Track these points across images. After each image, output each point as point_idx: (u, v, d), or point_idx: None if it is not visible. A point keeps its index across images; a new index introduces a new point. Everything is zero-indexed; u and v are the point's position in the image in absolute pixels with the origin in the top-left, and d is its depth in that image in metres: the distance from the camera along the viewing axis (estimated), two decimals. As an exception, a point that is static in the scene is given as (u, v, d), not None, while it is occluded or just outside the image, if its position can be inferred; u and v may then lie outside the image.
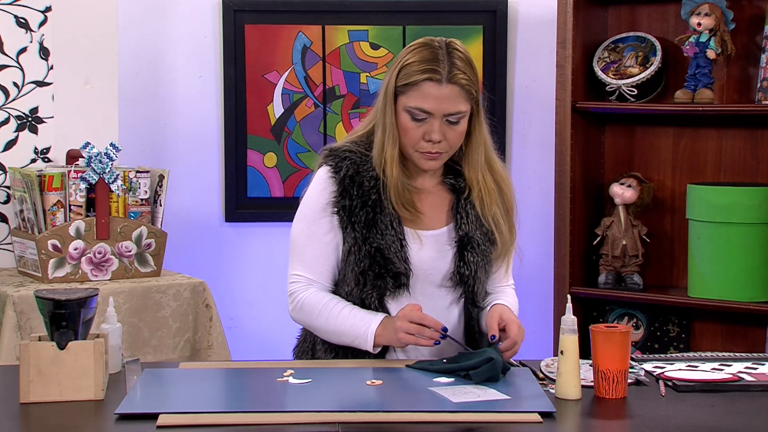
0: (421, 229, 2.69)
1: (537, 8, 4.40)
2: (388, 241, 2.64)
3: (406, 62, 2.64)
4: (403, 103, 2.64)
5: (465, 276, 2.69)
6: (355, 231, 2.65)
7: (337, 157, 2.69)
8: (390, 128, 2.65)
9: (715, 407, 2.30)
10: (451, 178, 2.74)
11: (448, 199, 2.74)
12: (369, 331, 2.63)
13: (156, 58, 4.39)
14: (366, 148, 2.70)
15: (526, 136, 4.47)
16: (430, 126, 2.62)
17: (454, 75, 2.61)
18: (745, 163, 4.04)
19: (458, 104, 2.62)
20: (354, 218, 2.65)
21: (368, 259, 2.64)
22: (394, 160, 2.65)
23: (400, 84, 2.64)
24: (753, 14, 3.99)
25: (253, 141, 4.42)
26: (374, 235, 2.64)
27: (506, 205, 2.76)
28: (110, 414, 2.22)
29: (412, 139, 2.64)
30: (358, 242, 2.65)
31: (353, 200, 2.66)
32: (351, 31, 4.42)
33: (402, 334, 2.57)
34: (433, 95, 2.61)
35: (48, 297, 2.32)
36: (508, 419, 2.19)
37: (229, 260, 4.45)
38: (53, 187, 3.61)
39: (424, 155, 2.65)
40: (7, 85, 3.86)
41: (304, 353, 2.82)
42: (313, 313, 2.69)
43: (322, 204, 2.68)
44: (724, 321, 4.07)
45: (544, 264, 4.24)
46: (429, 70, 2.61)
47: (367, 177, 2.67)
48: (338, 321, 2.66)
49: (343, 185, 2.66)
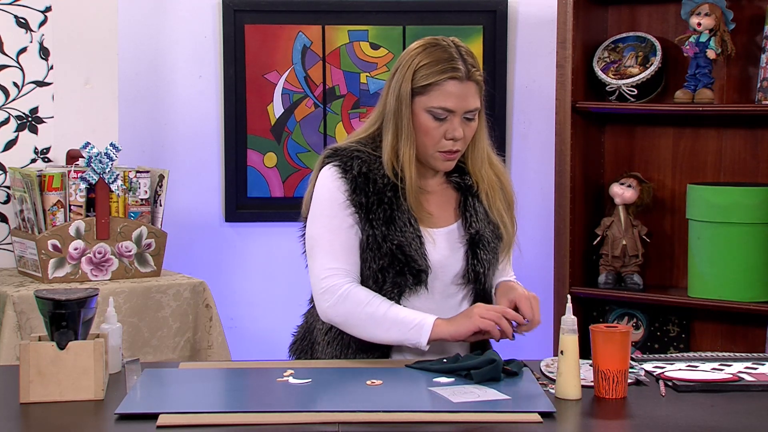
0: (432, 227, 2.69)
1: (537, 8, 4.40)
2: (408, 239, 2.64)
3: (420, 64, 2.65)
4: (423, 104, 2.64)
5: (479, 274, 2.70)
6: (374, 228, 2.64)
7: (344, 156, 2.68)
8: (406, 130, 2.65)
9: (715, 407, 2.30)
10: (456, 176, 2.75)
11: (454, 197, 2.76)
12: (426, 322, 2.58)
13: (156, 58, 4.39)
14: (373, 149, 2.70)
15: (526, 136, 4.47)
16: (451, 124, 2.64)
17: (472, 72, 2.65)
18: (745, 163, 4.04)
19: (476, 101, 2.66)
20: (372, 215, 2.64)
21: (389, 257, 2.63)
22: (411, 161, 2.66)
23: (418, 85, 2.64)
24: (753, 14, 3.99)
25: (253, 141, 4.42)
26: (394, 232, 2.64)
27: (507, 198, 2.79)
28: (110, 414, 2.22)
29: (433, 138, 2.65)
30: (377, 240, 2.64)
31: (369, 197, 2.65)
32: (351, 31, 4.42)
33: (478, 318, 2.55)
34: (455, 93, 2.63)
35: (48, 297, 2.32)
36: (508, 419, 2.19)
37: (229, 260, 4.45)
38: (53, 187, 3.61)
39: (443, 155, 2.67)
40: (7, 85, 3.87)
41: (303, 352, 2.81)
42: (361, 303, 2.61)
43: (339, 200, 2.66)
44: (724, 321, 4.07)
45: (544, 264, 4.24)
46: (450, 68, 2.63)
47: (380, 175, 2.67)
48: (390, 313, 2.60)
49: (356, 183, 2.65)
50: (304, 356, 2.80)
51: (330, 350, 2.72)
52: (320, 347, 2.75)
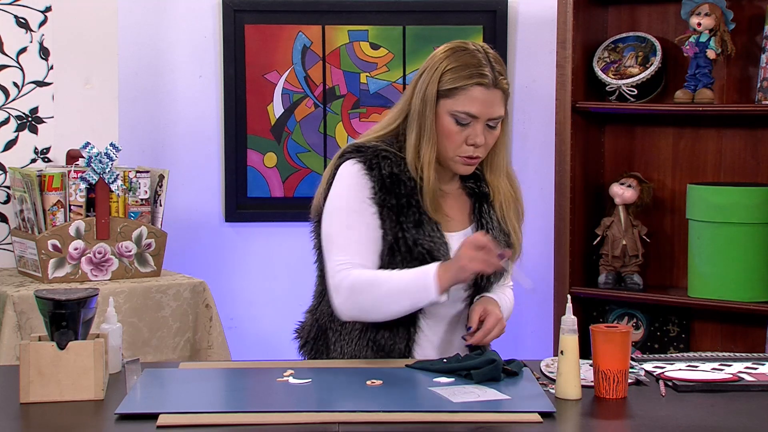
0: (448, 231, 2.70)
1: (537, 8, 4.40)
2: (437, 244, 2.64)
3: (447, 67, 2.64)
4: (447, 107, 2.64)
5: (490, 282, 2.71)
6: (405, 231, 2.63)
7: (368, 153, 2.66)
8: (429, 132, 2.64)
9: (715, 407, 2.30)
10: (471, 182, 2.75)
11: (468, 202, 2.76)
12: (429, 276, 2.56)
13: (156, 58, 4.39)
14: (398, 149, 2.69)
15: (526, 136, 4.47)
16: (473, 130, 2.63)
17: (499, 80, 2.64)
18: (745, 163, 4.04)
19: (500, 108, 2.65)
20: (403, 218, 2.63)
21: (418, 261, 2.62)
22: (431, 163, 2.65)
23: (444, 88, 2.63)
24: (753, 14, 3.99)
25: (253, 141, 4.42)
26: (423, 236, 2.63)
27: (519, 212, 2.79)
28: (110, 414, 2.22)
29: (454, 143, 2.64)
30: (407, 243, 2.62)
31: (400, 198, 2.64)
32: (351, 31, 4.42)
33: (468, 260, 2.53)
34: (480, 99, 2.62)
35: (48, 297, 2.32)
36: (508, 419, 2.19)
37: (229, 260, 4.45)
38: (53, 187, 3.61)
39: (463, 159, 2.66)
40: (7, 85, 3.86)
41: (318, 352, 2.77)
42: (365, 287, 2.59)
43: (362, 196, 2.64)
44: (724, 321, 4.07)
45: (544, 264, 4.24)
46: (477, 74, 2.62)
47: (406, 177, 2.66)
48: (392, 283, 2.58)
49: (384, 183, 2.63)
50: (320, 357, 2.76)
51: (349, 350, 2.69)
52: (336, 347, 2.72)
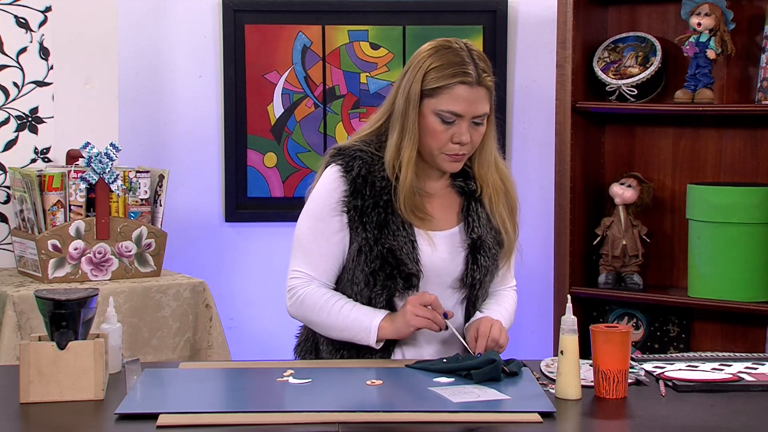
0: (432, 230, 2.69)
1: (537, 8, 4.40)
2: (400, 242, 2.64)
3: (431, 66, 2.64)
4: (432, 107, 2.64)
5: (476, 279, 2.71)
6: (367, 231, 2.65)
7: (347, 156, 2.68)
8: (411, 131, 2.65)
9: (715, 407, 2.30)
10: (461, 181, 2.75)
11: (458, 201, 2.75)
12: (373, 324, 2.63)
13: (156, 58, 4.39)
14: (376, 148, 2.70)
15: (526, 136, 4.47)
16: (459, 128, 2.63)
17: (483, 78, 2.64)
18: (745, 163, 4.04)
19: (485, 106, 2.65)
20: (365, 218, 2.65)
21: (380, 260, 2.64)
22: (411, 162, 2.66)
23: (428, 87, 2.63)
24: (753, 14, 3.99)
25: (253, 141, 4.42)
26: (386, 236, 2.64)
27: (510, 204, 2.78)
28: (110, 414, 2.22)
29: (439, 141, 2.64)
30: (369, 243, 2.64)
31: (365, 200, 2.65)
32: (351, 31, 4.42)
33: (412, 316, 2.57)
34: (464, 98, 2.62)
35: (48, 297, 2.32)
36: (508, 419, 2.19)
37: (229, 260, 4.45)
38: (53, 187, 3.61)
39: (449, 157, 2.66)
40: (7, 85, 3.86)
41: (307, 352, 2.81)
42: (314, 308, 2.68)
43: (332, 202, 2.67)
44: (724, 321, 4.07)
45: (544, 264, 4.24)
46: (461, 72, 2.62)
47: (379, 177, 2.67)
48: (340, 316, 2.66)
49: (355, 185, 2.66)
50: (309, 357, 2.80)
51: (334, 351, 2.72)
52: (325, 348, 2.75)
